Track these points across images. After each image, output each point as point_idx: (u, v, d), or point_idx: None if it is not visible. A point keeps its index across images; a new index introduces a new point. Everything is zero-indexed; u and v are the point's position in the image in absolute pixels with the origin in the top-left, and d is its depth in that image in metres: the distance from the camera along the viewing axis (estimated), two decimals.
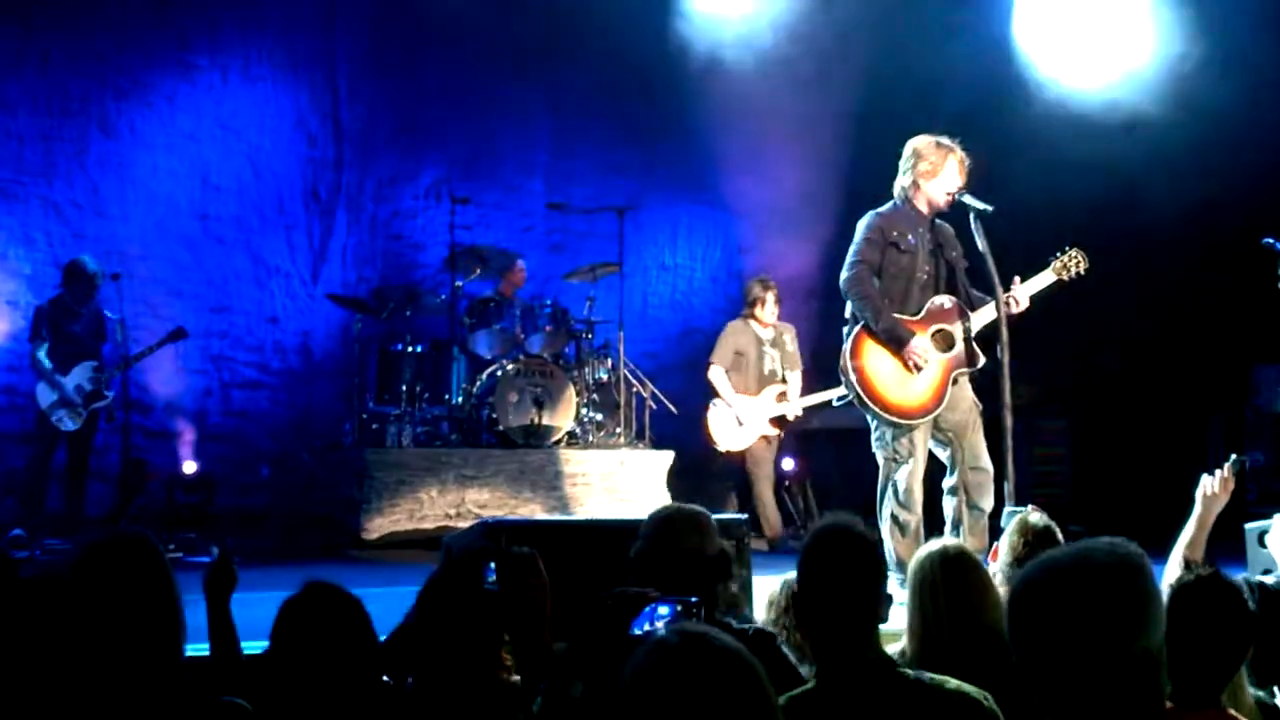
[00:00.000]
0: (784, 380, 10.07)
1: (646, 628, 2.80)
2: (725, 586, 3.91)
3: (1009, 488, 6.49)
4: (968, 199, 6.63)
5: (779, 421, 10.06)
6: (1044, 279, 6.76)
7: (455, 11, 11.23)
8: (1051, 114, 11.71)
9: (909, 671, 2.95)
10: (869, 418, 6.71)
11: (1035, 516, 4.57)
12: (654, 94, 12.24)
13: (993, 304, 6.60)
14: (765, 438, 10.05)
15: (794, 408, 10.01)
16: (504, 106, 12.10)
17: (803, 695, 2.91)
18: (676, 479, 10.19)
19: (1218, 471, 4.73)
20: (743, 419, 9.94)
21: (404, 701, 3.03)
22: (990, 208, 6.58)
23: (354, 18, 11.78)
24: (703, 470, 10.72)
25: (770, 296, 10.16)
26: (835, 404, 7.63)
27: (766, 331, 10.18)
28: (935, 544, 3.77)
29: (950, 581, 3.60)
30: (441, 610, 2.95)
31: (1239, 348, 11.27)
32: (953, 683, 2.91)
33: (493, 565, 2.95)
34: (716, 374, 10.09)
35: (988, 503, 6.62)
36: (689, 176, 12.73)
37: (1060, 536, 4.47)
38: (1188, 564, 4.27)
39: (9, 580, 2.93)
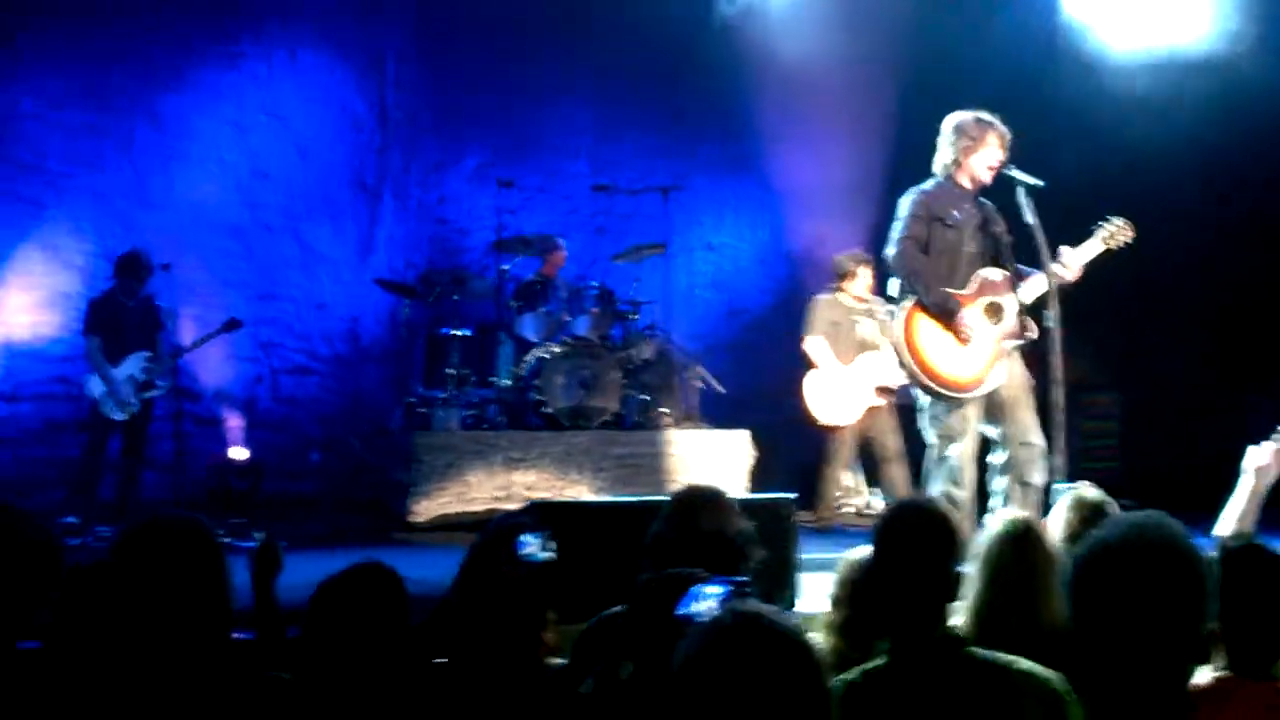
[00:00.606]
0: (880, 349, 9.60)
1: (694, 607, 2.80)
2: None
3: (1059, 462, 6.45)
4: (1016, 173, 6.60)
5: (884, 390, 9.70)
6: (1092, 248, 6.70)
7: None
8: (1098, 88, 11.59)
9: (978, 651, 2.94)
10: (921, 394, 6.68)
11: (1090, 492, 4.53)
12: (697, 74, 12.21)
13: (1041, 277, 6.56)
14: (874, 407, 9.74)
15: (896, 375, 9.45)
16: (547, 90, 12.11)
17: (874, 671, 2.91)
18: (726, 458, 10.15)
19: (1264, 443, 4.67)
20: (846, 389, 9.66)
21: (444, 679, 3.03)
22: (1041, 182, 6.54)
23: (398, 3, 11.82)
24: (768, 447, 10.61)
25: (865, 271, 9.88)
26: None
27: (858, 304, 9.93)
28: (1005, 516, 3.74)
29: (1019, 558, 3.57)
30: (478, 585, 2.94)
31: None
32: (1024, 663, 2.89)
33: (525, 538, 2.93)
34: (815, 343, 9.80)
35: (1039, 478, 6.58)
36: (734, 156, 12.70)
37: (1114, 511, 4.43)
38: (1236, 535, 4.22)
39: (55, 564, 2.95)
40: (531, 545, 2.94)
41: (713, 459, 10.03)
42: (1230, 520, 4.54)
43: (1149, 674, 2.13)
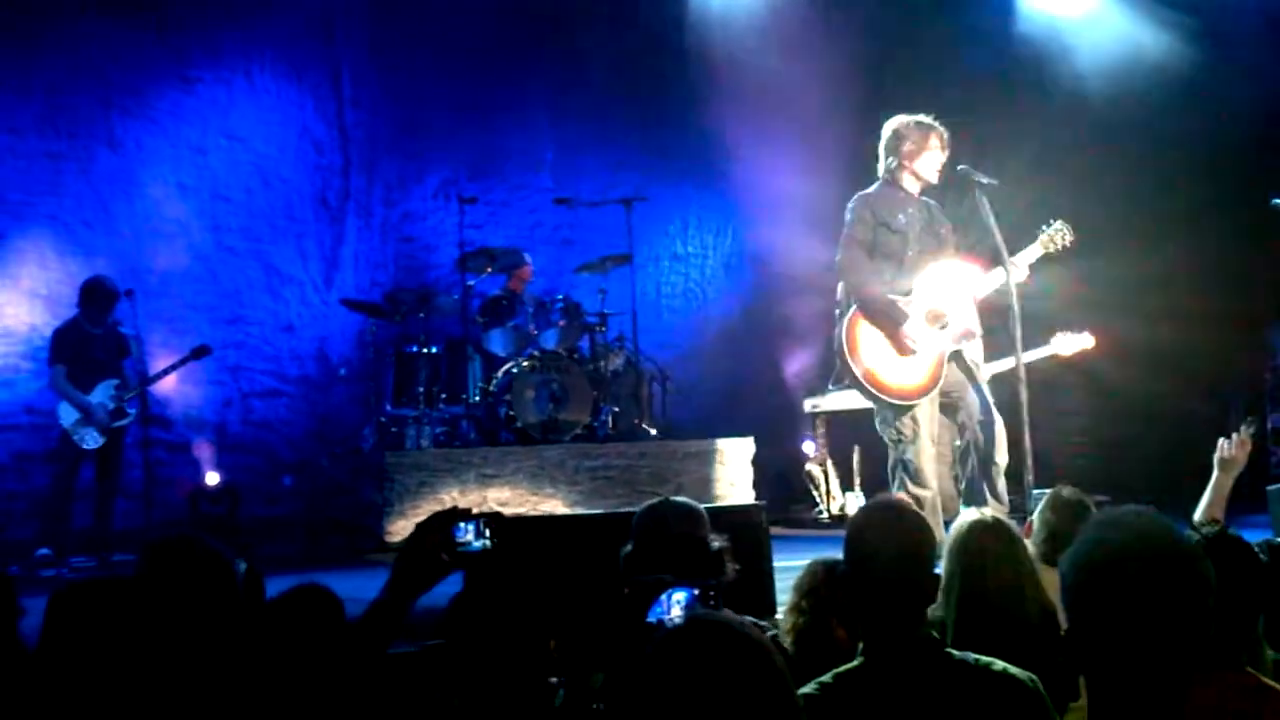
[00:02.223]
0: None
1: (662, 615, 2.80)
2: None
3: (1028, 460, 6.50)
4: (973, 173, 6.67)
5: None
6: (1033, 252, 6.80)
7: (453, 12, 11.24)
8: (1056, 91, 11.68)
9: (955, 652, 2.94)
10: (867, 398, 6.74)
11: (1068, 490, 4.58)
12: (657, 85, 12.24)
13: (992, 275, 6.65)
14: None
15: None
16: (507, 105, 12.12)
17: (849, 673, 2.91)
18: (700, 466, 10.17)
19: (1234, 435, 4.75)
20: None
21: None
22: (995, 181, 6.62)
23: (353, 24, 11.82)
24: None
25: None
26: (832, 386, 7.63)
27: None
28: (974, 512, 3.77)
29: (987, 549, 3.59)
30: (412, 576, 2.93)
31: (1257, 311, 11.22)
32: (999, 664, 2.90)
33: (464, 526, 2.92)
34: None
35: (1002, 455, 6.64)
36: (696, 165, 12.71)
37: (1094, 510, 4.47)
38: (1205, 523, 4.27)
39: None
40: (467, 534, 2.92)
41: (697, 468, 10.04)
42: (1199, 510, 4.60)
43: (1153, 675, 2.15)
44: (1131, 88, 11.39)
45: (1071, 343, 8.10)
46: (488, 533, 2.88)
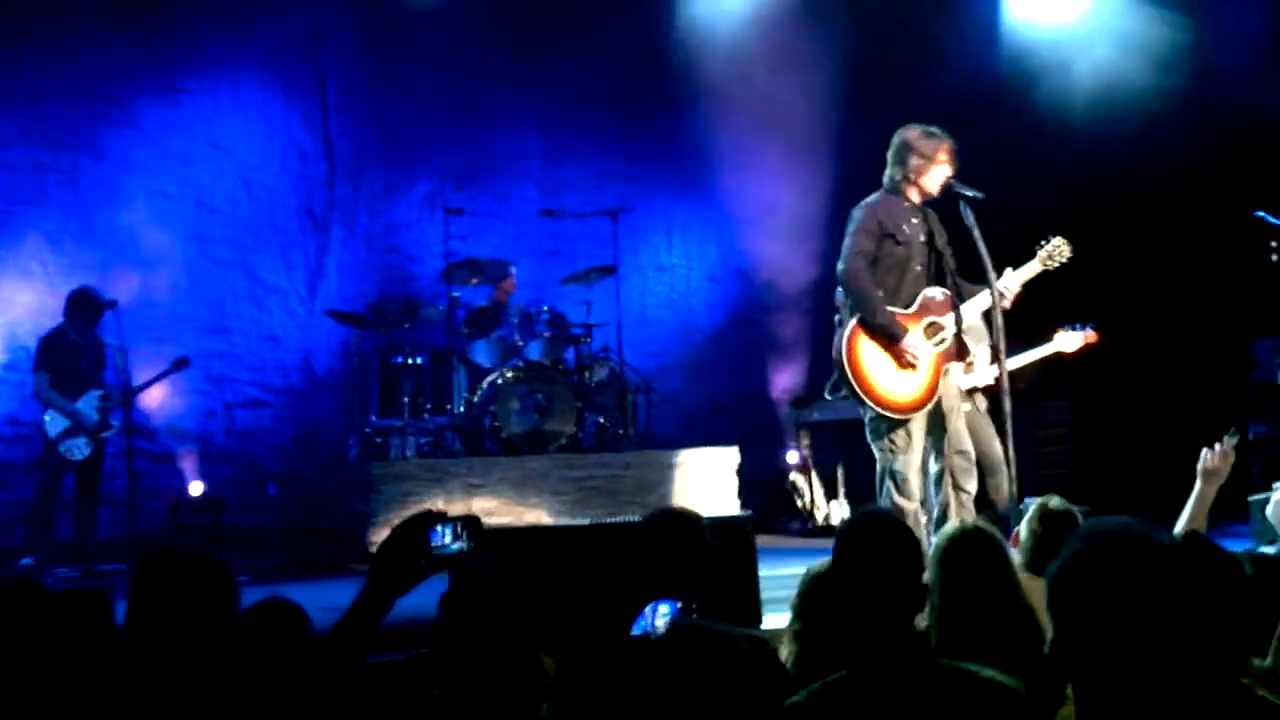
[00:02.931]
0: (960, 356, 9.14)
1: (647, 627, 2.82)
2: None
3: (1012, 471, 6.53)
4: (959, 186, 6.66)
5: (968, 394, 9.11)
6: (1031, 269, 6.79)
7: (439, 23, 11.26)
8: (1044, 100, 11.74)
9: (944, 659, 2.96)
10: (863, 411, 6.73)
11: (1055, 501, 4.60)
12: (642, 97, 12.28)
13: (985, 292, 6.64)
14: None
15: (982, 376, 9.02)
16: (493, 115, 12.13)
17: (836, 682, 2.91)
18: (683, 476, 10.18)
19: (1217, 445, 4.77)
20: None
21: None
22: (981, 194, 6.61)
23: (338, 34, 11.82)
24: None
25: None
26: (829, 395, 7.63)
27: None
28: (957, 522, 3.79)
29: (972, 557, 3.62)
30: (389, 579, 2.92)
31: (1237, 321, 11.27)
32: (987, 671, 2.90)
33: (440, 529, 2.91)
34: None
35: (972, 485, 6.66)
36: (680, 177, 12.76)
37: (1080, 520, 4.50)
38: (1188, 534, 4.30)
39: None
40: (444, 537, 2.91)
41: (681, 478, 10.05)
42: (1181, 521, 4.63)
43: (1141, 684, 2.17)
44: (1117, 100, 11.46)
45: (1074, 339, 7.99)
46: (466, 534, 2.88)
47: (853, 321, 6.65)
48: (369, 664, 2.92)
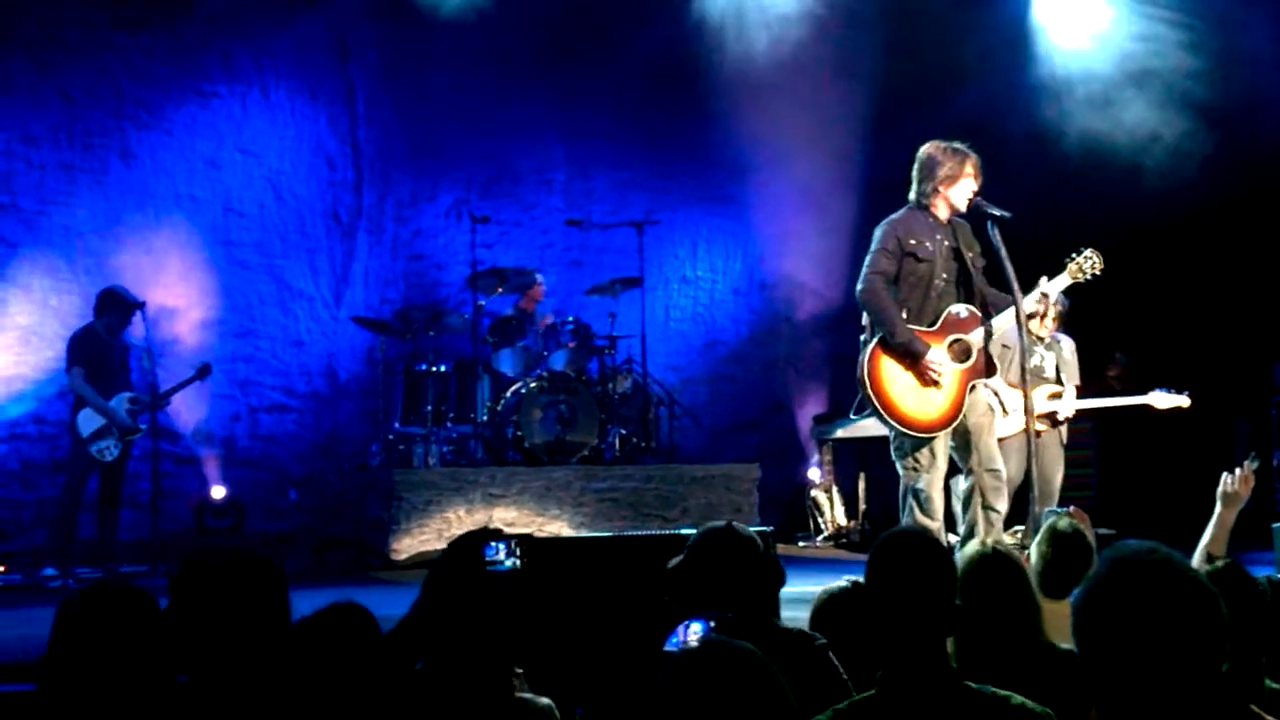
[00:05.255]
0: (1059, 381, 8.60)
1: (679, 645, 2.83)
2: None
3: (1035, 490, 6.51)
4: (987, 205, 6.63)
5: (1048, 418, 8.52)
6: (1062, 281, 6.77)
7: (467, 33, 11.29)
8: (1070, 112, 11.72)
9: (972, 684, 2.91)
10: (887, 429, 6.71)
11: (1063, 522, 4.58)
12: (668, 108, 12.29)
13: (1005, 314, 6.62)
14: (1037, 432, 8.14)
15: (1067, 408, 8.55)
16: (520, 125, 12.17)
17: (863, 702, 2.89)
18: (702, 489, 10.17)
19: (1238, 470, 4.76)
20: (1007, 407, 8.24)
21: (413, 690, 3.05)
22: (1008, 214, 6.59)
23: (367, 42, 11.87)
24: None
25: (1048, 310, 8.22)
26: (854, 415, 7.63)
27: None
28: (978, 544, 3.78)
29: (991, 581, 3.60)
30: (444, 594, 2.93)
31: (1262, 347, 11.25)
32: (1017, 698, 2.87)
33: (495, 545, 2.95)
34: None
35: (1003, 505, 6.64)
36: (707, 189, 12.78)
37: (1091, 540, 4.48)
38: (1209, 559, 4.30)
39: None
40: (498, 553, 2.97)
41: (702, 492, 10.05)
42: (1203, 547, 4.62)
43: (1165, 709, 2.17)
44: (1141, 115, 11.43)
45: (1167, 400, 8.06)
46: (518, 552, 2.93)
47: (874, 340, 6.63)
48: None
